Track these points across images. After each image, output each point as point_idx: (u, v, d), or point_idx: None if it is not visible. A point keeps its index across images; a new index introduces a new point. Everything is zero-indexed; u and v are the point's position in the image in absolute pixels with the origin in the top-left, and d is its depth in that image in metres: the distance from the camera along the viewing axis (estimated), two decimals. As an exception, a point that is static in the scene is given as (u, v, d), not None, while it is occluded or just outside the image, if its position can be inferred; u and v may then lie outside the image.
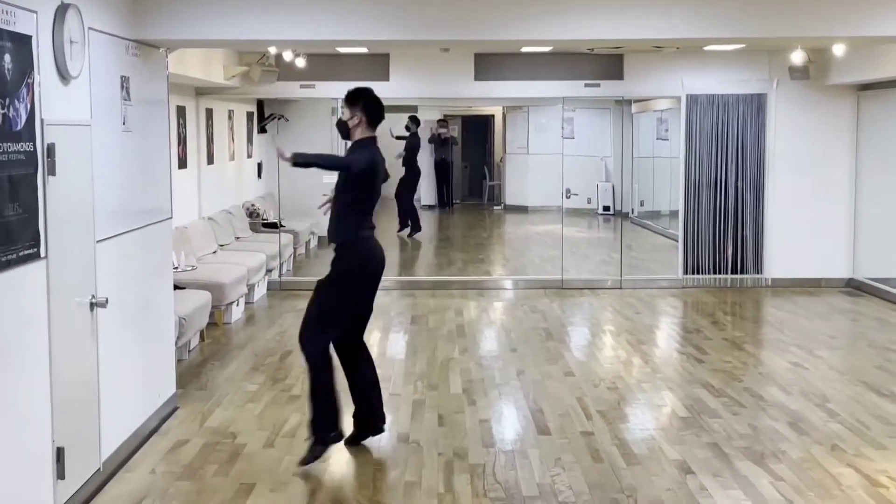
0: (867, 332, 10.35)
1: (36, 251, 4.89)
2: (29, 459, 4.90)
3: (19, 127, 4.70)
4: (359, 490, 5.94)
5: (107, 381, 5.86)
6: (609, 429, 7.05)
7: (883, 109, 12.52)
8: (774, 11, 6.97)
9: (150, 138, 6.90)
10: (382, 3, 6.83)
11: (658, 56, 13.03)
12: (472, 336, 10.29)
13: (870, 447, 6.56)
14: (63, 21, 5.19)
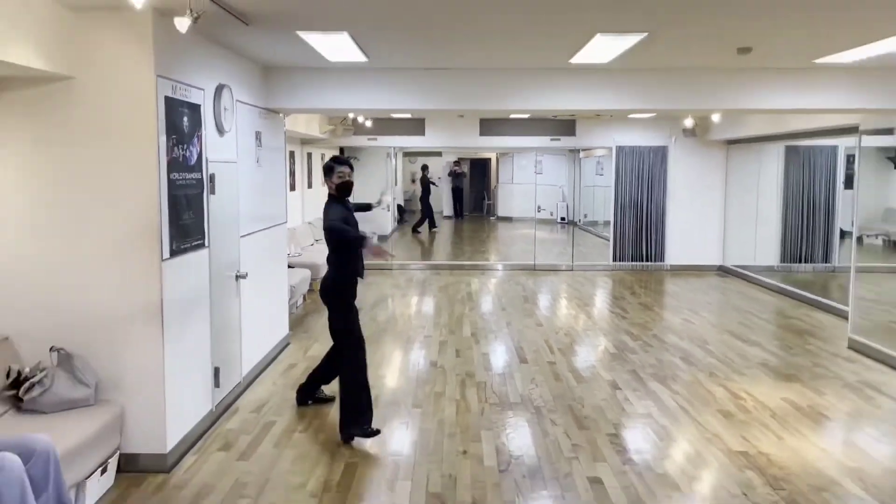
0: (731, 300, 10.43)
1: (202, 242, 5.09)
2: (200, 374, 5.11)
3: (193, 163, 4.90)
4: (404, 398, 6.05)
5: (245, 325, 6.05)
6: (565, 360, 7.17)
7: (743, 156, 12.69)
8: (673, 92, 7.09)
9: (273, 172, 7.05)
10: (420, 86, 6.99)
11: (598, 121, 13.07)
12: (476, 300, 10.38)
13: (734, 374, 6.67)
14: (220, 96, 5.37)
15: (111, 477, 4.32)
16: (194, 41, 4.89)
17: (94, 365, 4.37)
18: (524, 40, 5.47)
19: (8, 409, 4.13)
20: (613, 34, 5.17)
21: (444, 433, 5.17)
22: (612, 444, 4.97)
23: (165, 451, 4.49)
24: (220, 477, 4.44)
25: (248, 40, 5.41)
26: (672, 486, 4.35)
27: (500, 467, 4.60)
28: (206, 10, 4.07)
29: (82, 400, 4.25)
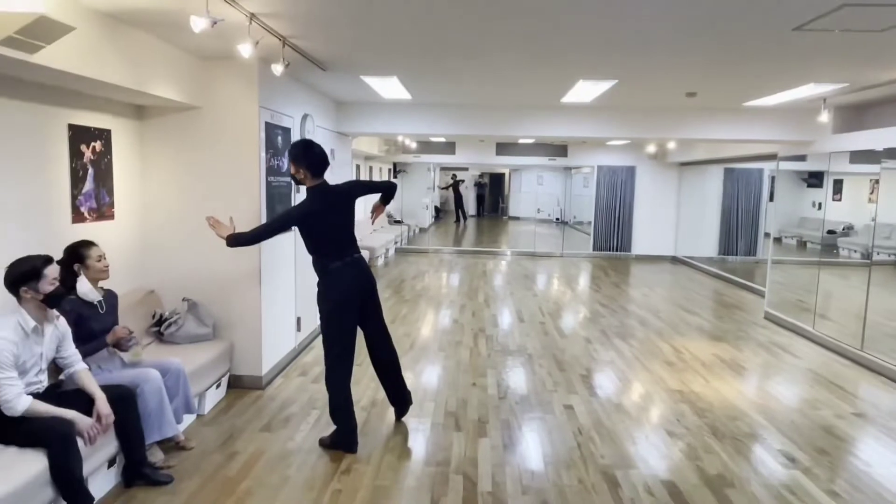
0: (679, 281, 10.32)
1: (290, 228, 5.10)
2: (286, 321, 5.25)
3: (284, 170, 4.98)
4: (431, 344, 6.12)
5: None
6: (553, 321, 7.18)
7: (692, 175, 12.50)
8: (638, 125, 7.07)
9: (342, 178, 7.03)
10: (450, 117, 7.04)
11: (584, 146, 12.99)
12: (489, 276, 10.40)
13: (677, 334, 6.65)
14: (305, 121, 5.47)
15: (223, 390, 4.50)
16: (287, 81, 5.01)
17: (213, 311, 4.54)
18: (526, 85, 5.51)
19: (153, 341, 4.33)
20: (592, 80, 5.18)
21: (459, 370, 5.25)
22: (583, 382, 5.02)
23: (261, 374, 4.65)
24: (299, 393, 4.58)
25: (326, 81, 5.51)
26: (625, 412, 4.40)
27: (500, 395, 4.67)
28: (293, 59, 4.20)
29: (204, 336, 4.42)
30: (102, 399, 2.92)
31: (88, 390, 2.94)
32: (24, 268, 2.73)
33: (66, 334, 2.98)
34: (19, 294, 2.74)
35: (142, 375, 3.31)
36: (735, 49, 3.95)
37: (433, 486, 3.26)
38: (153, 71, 3.80)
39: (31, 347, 2.78)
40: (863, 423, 4.29)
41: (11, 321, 2.71)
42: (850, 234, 9.16)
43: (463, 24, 3.49)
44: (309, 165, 3.56)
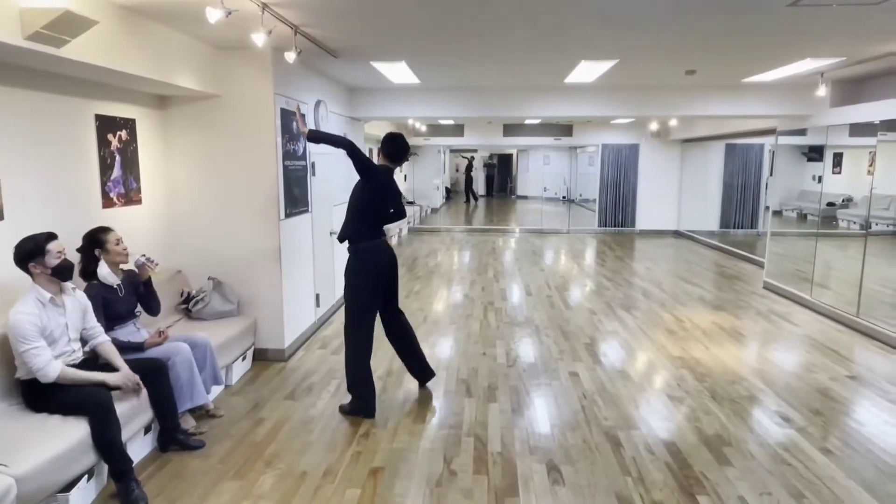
0: (682, 255, 10.28)
1: (307, 209, 5.24)
2: (306, 297, 5.33)
3: (300, 154, 5.02)
4: (444, 318, 6.16)
5: (338, 267, 6.16)
6: (559, 294, 7.20)
7: (694, 152, 12.35)
8: (640, 103, 6.98)
9: (356, 161, 7.12)
10: (458, 100, 7.00)
11: (589, 125, 12.86)
12: (498, 252, 10.42)
13: (678, 305, 6.65)
14: (318, 107, 5.46)
15: (248, 363, 4.59)
16: (300, 69, 5.02)
17: (237, 289, 4.62)
18: (530, 66, 5.46)
19: (182, 318, 4.42)
20: (594, 60, 5.13)
21: (470, 341, 5.31)
22: (587, 351, 5.06)
23: (284, 347, 4.74)
24: (319, 364, 4.67)
25: (337, 68, 5.50)
26: (627, 378, 4.44)
27: (509, 364, 4.73)
28: (306, 47, 4.20)
29: (229, 312, 4.51)
30: (125, 368, 3.03)
31: (113, 362, 3.04)
32: (28, 246, 2.81)
33: (88, 307, 3.06)
34: (30, 271, 2.82)
35: (173, 349, 3.40)
36: (732, 26, 3.89)
37: (446, 447, 3.34)
38: (173, 62, 3.83)
39: (54, 318, 2.85)
40: (857, 385, 4.29)
41: (30, 297, 2.80)
42: (850, 206, 9.04)
43: (466, 5, 3.47)
44: (388, 153, 3.72)
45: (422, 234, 12.99)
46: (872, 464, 3.18)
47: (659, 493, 2.89)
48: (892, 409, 3.89)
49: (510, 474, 3.05)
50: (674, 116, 8.74)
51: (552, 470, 3.09)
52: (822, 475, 3.06)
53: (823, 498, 2.85)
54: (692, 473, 3.07)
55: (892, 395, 4.13)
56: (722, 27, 3.92)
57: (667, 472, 3.09)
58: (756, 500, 2.83)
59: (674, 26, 3.90)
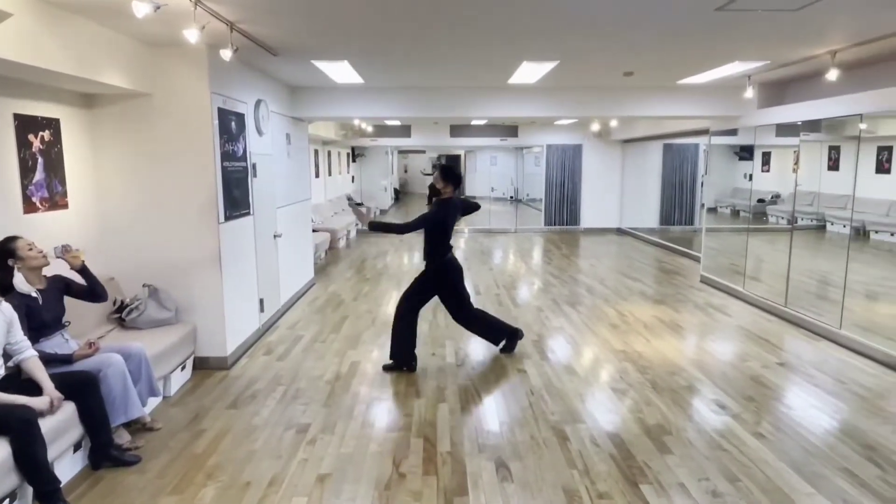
0: (625, 251, 10.58)
1: (248, 211, 5.09)
2: (250, 302, 5.17)
3: (240, 155, 4.88)
4: (389, 319, 6.07)
5: (282, 269, 6.06)
6: (507, 293, 7.28)
7: (634, 151, 12.81)
8: (580, 104, 7.13)
9: (299, 163, 7.03)
10: (403, 101, 6.96)
11: (534, 125, 13.07)
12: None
13: (621, 300, 6.83)
14: (258, 107, 5.34)
15: (189, 372, 4.42)
16: (239, 67, 4.87)
17: (175, 296, 4.44)
18: (473, 67, 5.49)
19: (115, 327, 4.21)
20: (535, 61, 5.21)
21: (420, 342, 5.23)
22: (535, 347, 5.12)
23: (226, 355, 4.58)
24: (264, 371, 4.55)
25: (278, 67, 5.37)
26: (573, 372, 4.52)
27: (457, 363, 4.74)
28: (243, 45, 4.08)
29: (166, 320, 4.32)
30: (51, 386, 2.85)
31: (37, 378, 2.86)
32: None
33: (14, 320, 2.87)
34: None
35: (104, 361, 3.22)
36: (665, 30, 4.02)
37: (395, 449, 3.30)
38: (98, 58, 3.63)
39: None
40: (786, 372, 4.52)
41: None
42: (778, 203, 9.54)
43: (407, 7, 3.44)
44: (454, 183, 4.52)
45: (370, 236, 12.87)
46: (800, 445, 3.35)
47: (604, 484, 2.95)
48: (817, 393, 4.11)
49: (459, 473, 3.05)
50: (613, 117, 8.99)
51: (501, 467, 3.11)
52: (755, 459, 3.20)
53: (757, 480, 2.98)
54: (635, 463, 3.15)
55: (817, 379, 4.37)
56: (655, 31, 4.05)
57: (611, 463, 3.16)
58: (695, 485, 2.93)
59: (610, 30, 4.00)
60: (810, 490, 2.89)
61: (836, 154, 7.85)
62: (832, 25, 3.92)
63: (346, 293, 7.16)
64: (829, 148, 8.07)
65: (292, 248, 6.53)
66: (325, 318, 6.02)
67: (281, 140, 6.19)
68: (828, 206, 7.96)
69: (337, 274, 8.42)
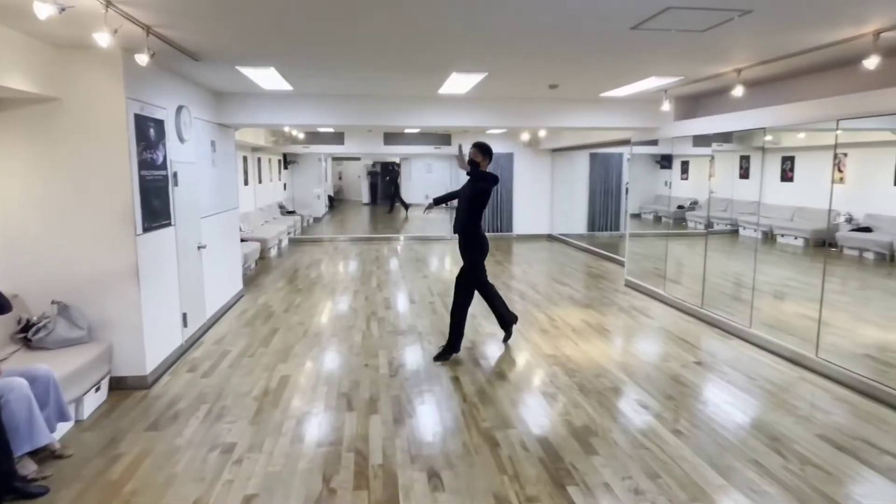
0: (555, 257, 10.88)
1: (169, 222, 4.88)
2: (171, 317, 4.96)
3: (159, 163, 4.69)
4: (324, 330, 5.98)
5: (207, 282, 5.85)
6: (441, 300, 7.31)
7: (563, 160, 13.19)
8: (509, 114, 7.30)
9: (226, 170, 6.81)
10: (334, 108, 6.88)
11: (467, 134, 13.19)
12: (382, 261, 10.39)
13: (551, 305, 7.01)
14: (180, 114, 5.14)
15: (104, 394, 4.17)
16: (158, 72, 4.67)
17: (87, 313, 4.18)
18: (405, 77, 5.51)
19: (20, 348, 3.92)
20: (464, 73, 5.28)
21: (352, 353, 5.23)
22: (468, 354, 5.18)
23: (146, 374, 4.36)
24: (188, 390, 4.35)
25: (201, 72, 5.19)
26: (505, 378, 4.60)
27: (391, 374, 4.71)
28: (161, 49, 3.91)
29: (78, 339, 4.07)
30: None
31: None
32: None
33: None
34: None
35: (5, 386, 2.99)
36: (585, 46, 4.18)
37: (325, 465, 3.24)
38: (-2, 60, 3.38)
39: None
40: (702, 370, 4.79)
41: None
42: (696, 209, 10.09)
43: (331, 16, 3.42)
44: (490, 156, 4.98)
45: (303, 244, 12.61)
46: (714, 441, 3.55)
47: (533, 488, 3.01)
48: (730, 390, 4.37)
49: (391, 486, 3.03)
50: (541, 127, 9.24)
51: (433, 477, 3.11)
52: (674, 455, 3.37)
53: (675, 476, 3.14)
54: (563, 465, 3.24)
55: (729, 376, 4.65)
56: (576, 47, 4.21)
57: (540, 466, 3.23)
58: (619, 484, 3.05)
59: (534, 45, 4.12)
60: (722, 482, 3.07)
61: (747, 164, 8.41)
62: (736, 46, 4.21)
63: (277, 304, 6.98)
64: (741, 158, 8.64)
65: (218, 259, 6.30)
66: (255, 332, 5.84)
67: (205, 147, 5.97)
68: (740, 212, 8.51)
69: (268, 284, 8.19)
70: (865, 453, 3.38)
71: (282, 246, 11.88)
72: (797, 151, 9.05)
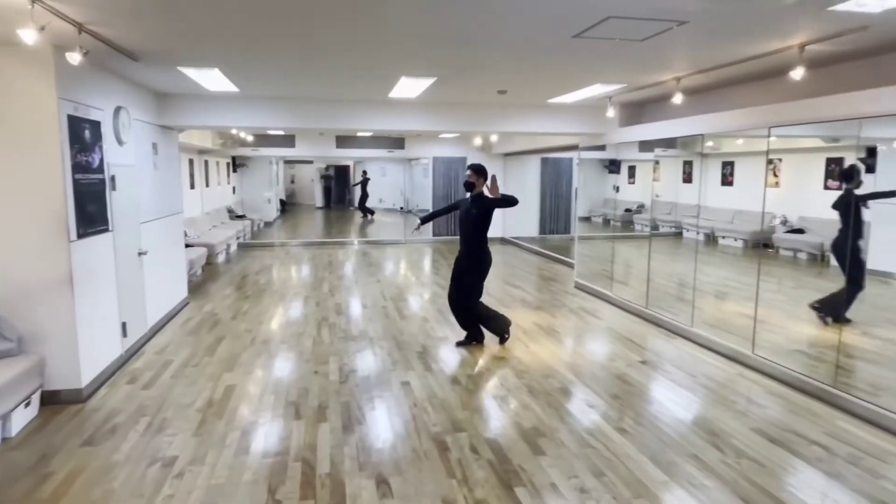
0: (508, 260, 10.99)
1: (106, 227, 4.70)
2: (109, 327, 4.77)
3: (95, 166, 4.52)
4: (273, 337, 5.86)
5: (149, 289, 5.66)
6: (394, 305, 7.26)
7: (515, 164, 13.35)
8: (459, 119, 7.34)
9: (169, 174, 6.58)
10: (283, 111, 6.77)
11: (420, 138, 13.24)
12: (335, 266, 10.24)
13: (504, 307, 7.03)
14: (118, 115, 4.96)
15: (35, 409, 3.95)
16: (94, 71, 4.48)
17: (17, 324, 3.96)
18: (354, 80, 5.47)
19: (-62, 363, 3.66)
20: (414, 77, 5.29)
21: (302, 360, 5.14)
22: (419, 359, 5.16)
23: (81, 387, 4.16)
24: (127, 402, 4.17)
25: (141, 72, 5.01)
26: (456, 382, 4.61)
27: (341, 380, 4.64)
28: (96, 48, 3.76)
29: (6, 352, 3.85)
30: None
31: None
32: None
33: None
34: None
35: (-80, 403, 2.80)
36: (531, 53, 4.25)
37: (271, 476, 3.16)
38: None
39: None
40: (646, 369, 4.93)
41: None
42: (642, 212, 10.38)
43: (275, 18, 3.36)
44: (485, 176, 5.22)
45: (253, 249, 12.32)
46: (658, 438, 3.66)
47: (481, 490, 3.03)
48: (673, 387, 4.52)
49: (338, 495, 2.98)
50: (491, 132, 9.35)
51: (381, 483, 3.09)
52: (619, 453, 3.45)
53: (620, 474, 3.21)
54: (511, 467, 3.27)
55: (672, 374, 4.80)
56: (523, 54, 4.28)
57: (489, 469, 3.25)
58: (565, 484, 3.10)
59: (481, 50, 4.16)
60: (665, 478, 3.16)
61: (690, 168, 8.74)
62: (675, 55, 4.37)
63: (224, 312, 6.78)
64: (684, 163, 8.96)
65: (161, 265, 6.08)
66: (199, 340, 5.66)
67: (146, 150, 5.76)
68: (683, 215, 8.81)
69: (214, 291, 7.95)
70: (796, 445, 3.55)
71: (230, 251, 11.58)
72: (736, 157, 9.46)
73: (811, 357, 4.86)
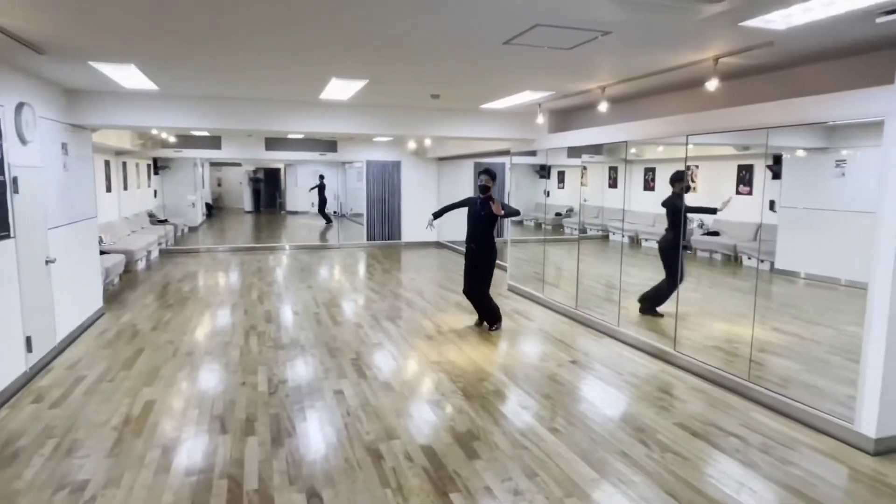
0: (443, 264, 11.05)
1: (8, 234, 4.33)
2: (11, 343, 4.37)
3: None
4: (197, 348, 5.61)
5: (58, 300, 5.26)
6: (327, 311, 7.12)
7: (448, 168, 13.49)
8: (392, 122, 7.30)
9: (80, 176, 6.15)
10: (207, 111, 6.49)
11: (353, 141, 13.05)
12: (265, 272, 9.93)
13: (438, 311, 7.09)
14: (20, 112, 4.57)
15: (-80, 436, 3.56)
16: (-10, 65, 4.11)
17: None
18: (283, 80, 5.31)
19: None
20: (345, 79, 5.20)
21: (228, 371, 4.92)
22: (353, 366, 5.06)
23: (-24, 409, 3.79)
24: (31, 424, 3.84)
25: (47, 67, 4.65)
26: (390, 388, 4.55)
27: (270, 391, 4.48)
28: (-8, 38, 3.45)
29: None
30: None
31: None
32: None
33: None
34: None
35: None
36: (462, 58, 4.27)
37: (194, 496, 2.99)
38: None
39: None
40: (576, 369, 5.05)
41: None
42: (571, 216, 10.66)
43: (195, 11, 3.20)
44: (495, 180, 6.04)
45: (176, 256, 11.73)
46: (587, 436, 3.75)
47: (416, 499, 2.99)
48: (602, 386, 4.65)
49: (267, 511, 2.86)
50: (424, 136, 9.34)
51: (313, 497, 2.99)
52: (550, 452, 3.50)
53: (552, 473, 3.26)
54: (446, 473, 3.25)
55: (600, 373, 4.95)
56: (453, 59, 4.29)
57: (424, 476, 3.21)
58: (499, 486, 3.11)
59: (412, 53, 4.14)
60: (595, 476, 3.24)
61: (615, 174, 9.07)
62: (600, 64, 4.51)
63: (144, 322, 6.40)
64: (609, 168, 9.29)
65: (72, 273, 5.67)
66: (116, 353, 5.31)
67: (54, 150, 5.35)
68: (610, 219, 9.12)
69: (133, 300, 7.50)
70: (715, 437, 3.73)
71: (151, 258, 10.98)
72: (657, 163, 9.92)
73: (727, 353, 5.14)
